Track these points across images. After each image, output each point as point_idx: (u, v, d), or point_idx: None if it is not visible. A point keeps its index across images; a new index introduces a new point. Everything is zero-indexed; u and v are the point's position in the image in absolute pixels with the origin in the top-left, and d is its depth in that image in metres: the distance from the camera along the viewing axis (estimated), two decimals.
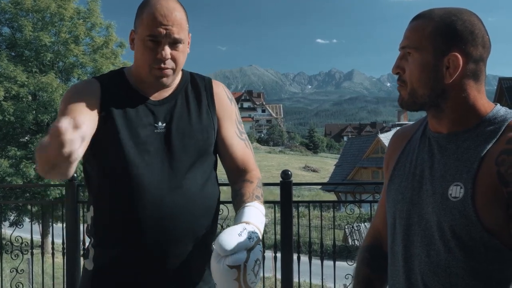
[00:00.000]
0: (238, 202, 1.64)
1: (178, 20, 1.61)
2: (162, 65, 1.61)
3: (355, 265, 1.60)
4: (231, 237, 1.42)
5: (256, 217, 1.55)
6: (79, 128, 1.21)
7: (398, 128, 1.67)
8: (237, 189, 1.69)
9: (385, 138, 32.79)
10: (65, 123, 1.15)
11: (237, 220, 1.55)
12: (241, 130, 1.82)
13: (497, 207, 1.19)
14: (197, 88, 1.75)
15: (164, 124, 1.65)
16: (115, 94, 1.66)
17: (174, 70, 1.65)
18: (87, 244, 1.68)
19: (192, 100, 1.72)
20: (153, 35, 1.59)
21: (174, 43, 1.62)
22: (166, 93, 1.70)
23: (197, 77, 1.79)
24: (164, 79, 1.65)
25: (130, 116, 1.63)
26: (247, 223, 1.50)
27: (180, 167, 1.63)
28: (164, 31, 1.59)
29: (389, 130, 38.70)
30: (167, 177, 1.60)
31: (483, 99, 1.30)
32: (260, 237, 1.49)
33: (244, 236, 1.42)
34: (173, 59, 1.63)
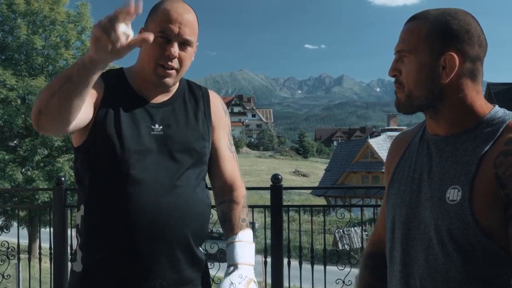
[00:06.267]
0: (227, 229, 1.67)
1: (191, 22, 1.63)
2: (169, 63, 1.61)
3: (353, 271, 1.60)
4: None
5: (247, 254, 1.62)
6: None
7: (387, 132, 1.67)
8: (225, 211, 1.71)
9: (375, 143, 32.90)
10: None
11: (230, 258, 1.61)
12: (231, 142, 1.85)
13: (495, 210, 1.17)
14: (194, 96, 1.77)
15: (161, 127, 1.65)
16: (114, 93, 1.66)
17: (177, 72, 1.65)
18: (74, 246, 1.66)
19: (190, 107, 1.73)
20: (165, 32, 1.59)
21: (183, 44, 1.63)
22: (165, 97, 1.70)
23: (193, 85, 1.81)
24: (167, 79, 1.64)
25: (127, 116, 1.62)
26: (240, 264, 1.59)
27: (174, 169, 1.62)
28: (177, 30, 1.60)
29: (378, 135, 38.78)
30: (161, 179, 1.59)
31: (481, 100, 1.29)
32: (253, 275, 1.60)
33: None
34: (180, 60, 1.63)
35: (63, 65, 18.72)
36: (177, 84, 1.75)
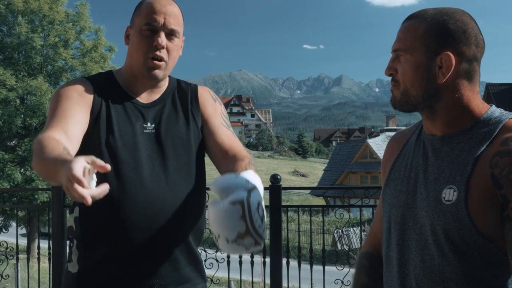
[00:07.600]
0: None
1: (176, 13, 1.66)
2: (157, 53, 1.62)
3: (351, 271, 1.59)
4: (226, 178, 1.36)
5: (251, 174, 1.44)
6: (72, 141, 1.46)
7: (386, 133, 1.67)
8: (229, 169, 1.55)
9: (374, 143, 32.90)
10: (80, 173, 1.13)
11: None
12: (227, 122, 1.79)
13: (491, 210, 1.17)
14: (183, 94, 1.77)
15: (153, 125, 1.66)
16: (105, 95, 1.66)
17: (166, 63, 1.66)
18: (70, 246, 1.66)
19: (179, 105, 1.74)
20: (150, 24, 1.62)
21: (170, 34, 1.65)
22: (155, 96, 1.71)
23: (183, 83, 1.81)
24: (157, 71, 1.65)
25: (119, 116, 1.63)
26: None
27: (170, 167, 1.62)
28: (162, 20, 1.62)
29: (377, 135, 38.76)
30: (156, 177, 1.60)
31: (477, 100, 1.28)
32: (258, 185, 1.40)
33: (240, 178, 1.36)
34: (168, 50, 1.65)
35: (62, 65, 18.73)
36: (167, 82, 1.76)
